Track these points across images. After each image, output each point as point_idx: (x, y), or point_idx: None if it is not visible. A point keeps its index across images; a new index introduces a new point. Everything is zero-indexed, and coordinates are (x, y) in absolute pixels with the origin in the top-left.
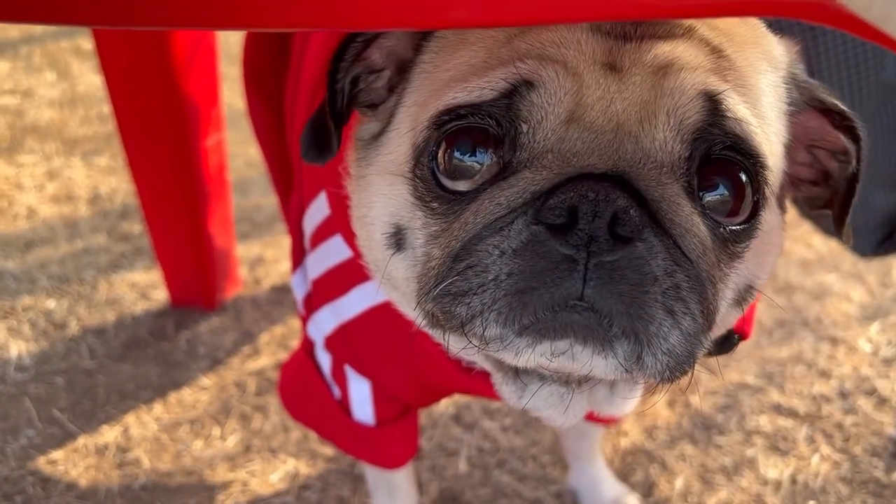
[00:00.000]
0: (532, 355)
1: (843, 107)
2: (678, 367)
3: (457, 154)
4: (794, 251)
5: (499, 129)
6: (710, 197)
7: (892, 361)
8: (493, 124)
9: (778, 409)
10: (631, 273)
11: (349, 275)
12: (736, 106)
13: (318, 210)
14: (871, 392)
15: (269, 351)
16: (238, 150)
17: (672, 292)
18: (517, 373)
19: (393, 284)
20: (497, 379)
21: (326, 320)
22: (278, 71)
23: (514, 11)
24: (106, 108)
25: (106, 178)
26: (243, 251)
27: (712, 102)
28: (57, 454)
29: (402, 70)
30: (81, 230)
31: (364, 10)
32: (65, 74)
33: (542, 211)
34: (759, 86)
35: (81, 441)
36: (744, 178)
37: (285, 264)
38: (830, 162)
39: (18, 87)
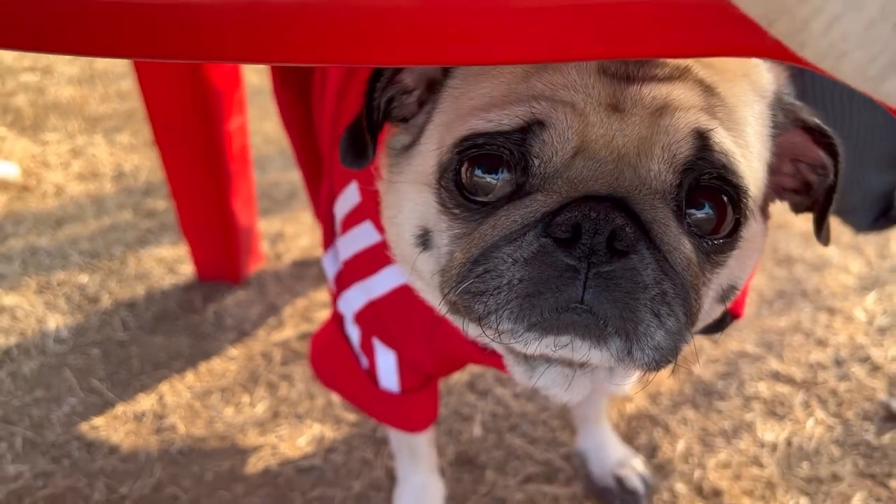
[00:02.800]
0: (538, 346)
1: (823, 126)
2: (663, 359)
3: (477, 172)
4: (795, 224)
5: (513, 157)
6: (696, 215)
7: (887, 330)
8: (507, 153)
9: (776, 377)
10: (624, 282)
11: (378, 257)
12: (723, 140)
13: (349, 197)
14: (865, 359)
15: (293, 323)
16: (255, 126)
17: (659, 298)
18: (526, 356)
19: (419, 276)
20: (509, 360)
21: (356, 297)
22: None
23: (507, 55)
24: (124, 85)
25: (128, 155)
26: (264, 227)
27: (702, 139)
28: (98, 421)
29: (431, 88)
30: (108, 207)
31: (383, 52)
32: None
33: (550, 226)
34: (746, 118)
35: (120, 409)
36: (726, 199)
37: (305, 239)
38: (811, 174)
39: (38, 64)
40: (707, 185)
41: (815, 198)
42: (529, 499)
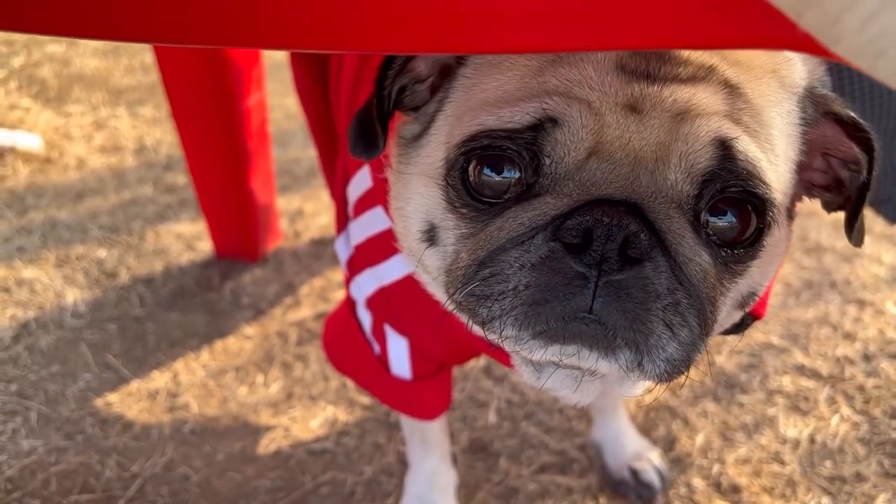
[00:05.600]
0: (544, 354)
1: (857, 119)
2: (675, 370)
3: (486, 171)
4: (826, 212)
5: (521, 158)
6: (718, 223)
7: None
8: (515, 154)
9: (801, 370)
10: (636, 292)
11: (389, 243)
12: (746, 149)
13: (361, 181)
14: (895, 355)
15: (310, 303)
16: (277, 102)
17: (672, 308)
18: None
19: (426, 270)
20: (516, 360)
21: (367, 283)
22: None
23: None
24: (148, 58)
25: (150, 128)
26: (283, 204)
27: (724, 148)
28: (112, 397)
29: (445, 74)
30: (129, 181)
31: (396, 38)
32: None
33: (560, 230)
34: (773, 120)
35: (134, 385)
36: (750, 208)
37: (324, 218)
38: (842, 171)
39: None
40: (731, 196)
41: (847, 195)
42: (543, 489)
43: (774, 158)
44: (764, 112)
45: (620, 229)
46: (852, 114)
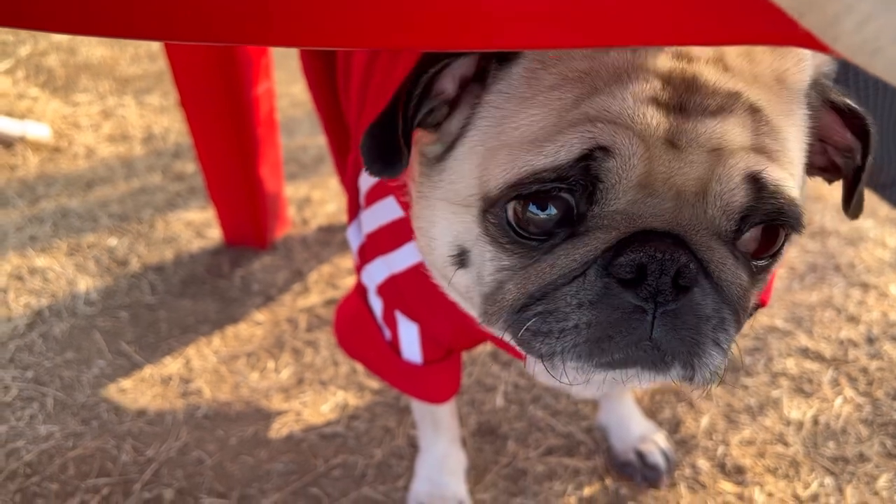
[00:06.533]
0: (605, 378)
1: (853, 106)
2: (717, 374)
3: (531, 208)
4: (831, 196)
5: (574, 194)
6: (752, 243)
7: None
8: (569, 191)
9: (805, 353)
10: (689, 317)
11: (400, 232)
12: (774, 176)
13: None
14: None
15: (318, 289)
16: (283, 89)
17: (719, 326)
18: None
19: (454, 288)
20: (530, 358)
21: (379, 270)
22: None
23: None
24: (155, 46)
25: (158, 117)
26: (291, 191)
27: (755, 181)
28: (126, 383)
29: (463, 86)
30: (137, 169)
31: (409, 35)
32: None
33: (613, 266)
34: (789, 134)
35: (148, 371)
36: (780, 226)
37: (331, 205)
38: (837, 157)
39: None
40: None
41: (845, 175)
42: (550, 471)
43: (793, 170)
44: (783, 130)
45: (673, 263)
46: (848, 101)
